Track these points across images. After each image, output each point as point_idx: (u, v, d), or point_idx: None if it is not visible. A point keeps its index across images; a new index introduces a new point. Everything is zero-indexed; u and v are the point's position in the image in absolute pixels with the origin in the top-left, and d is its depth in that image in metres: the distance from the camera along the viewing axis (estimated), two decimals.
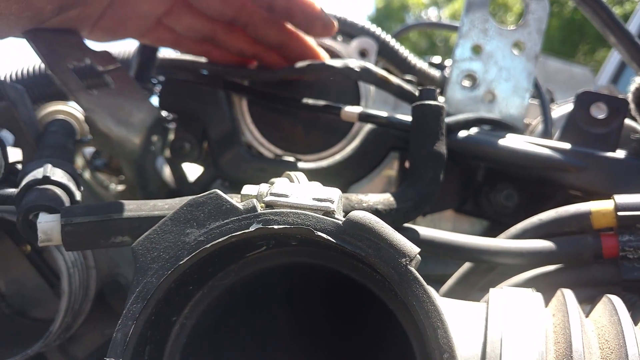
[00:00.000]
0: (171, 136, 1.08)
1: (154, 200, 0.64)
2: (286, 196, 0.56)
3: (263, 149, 1.16)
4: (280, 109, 1.12)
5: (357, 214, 0.52)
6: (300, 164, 1.08)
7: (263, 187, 0.60)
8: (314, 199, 0.55)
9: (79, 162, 1.19)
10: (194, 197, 0.57)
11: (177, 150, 1.04)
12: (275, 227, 0.53)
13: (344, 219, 0.52)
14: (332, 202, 0.55)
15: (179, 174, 1.14)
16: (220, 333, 0.66)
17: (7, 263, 1.14)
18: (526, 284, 0.85)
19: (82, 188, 0.71)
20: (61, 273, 0.92)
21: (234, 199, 0.57)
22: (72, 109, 1.08)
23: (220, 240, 0.54)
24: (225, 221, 0.55)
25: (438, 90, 0.89)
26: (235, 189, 1.04)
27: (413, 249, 0.52)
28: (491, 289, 0.66)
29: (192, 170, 1.22)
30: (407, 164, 1.16)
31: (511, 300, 0.62)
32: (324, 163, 1.06)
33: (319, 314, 0.70)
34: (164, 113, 1.08)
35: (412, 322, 0.56)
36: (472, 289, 0.89)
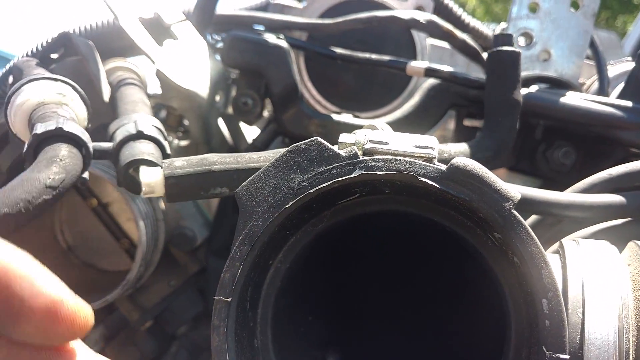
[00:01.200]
0: (233, 93, 1.10)
1: (248, 153, 0.67)
2: (386, 143, 0.58)
3: (319, 107, 1.18)
4: (339, 65, 1.12)
5: (460, 160, 0.54)
6: (359, 121, 1.09)
7: (360, 136, 0.62)
8: (414, 146, 0.57)
9: None
10: (295, 144, 0.59)
11: (240, 107, 1.05)
12: (379, 173, 0.55)
13: (447, 165, 0.54)
14: (432, 149, 0.56)
15: (237, 133, 1.16)
16: (310, 278, 0.69)
17: (74, 217, 1.19)
18: (592, 237, 0.86)
19: (168, 141, 0.74)
20: (137, 224, 0.95)
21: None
22: (133, 65, 1.10)
23: (324, 185, 0.56)
24: (328, 167, 0.57)
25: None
26: None
27: (515, 193, 0.53)
28: (563, 240, 0.68)
29: (248, 131, 1.24)
30: (460, 123, 1.16)
31: (587, 249, 0.64)
32: (384, 120, 1.07)
33: (405, 261, 0.73)
34: (227, 69, 1.09)
35: (505, 267, 0.59)
36: None
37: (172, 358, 1.18)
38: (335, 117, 1.07)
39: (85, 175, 0.68)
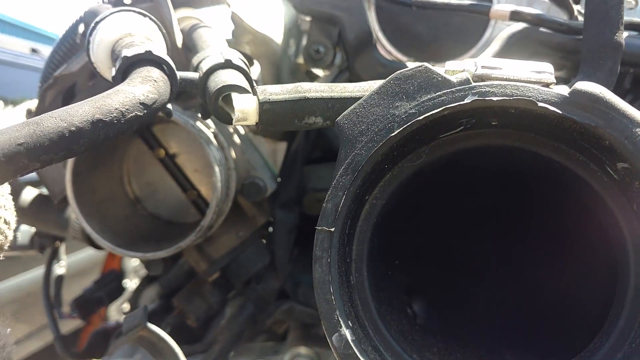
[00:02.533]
0: (304, 41, 1.07)
1: (341, 83, 0.64)
2: (499, 69, 0.54)
3: (390, 58, 1.14)
4: (411, 15, 1.08)
5: (584, 85, 0.50)
6: None
7: (468, 63, 0.58)
8: (530, 71, 0.53)
9: None
10: (400, 71, 0.56)
11: (312, 55, 1.03)
12: (494, 99, 0.52)
13: (569, 90, 0.50)
14: (550, 74, 0.53)
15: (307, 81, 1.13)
16: (404, 217, 0.67)
17: (141, 168, 1.19)
18: None
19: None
20: (212, 169, 0.94)
21: None
22: (202, 16, 1.09)
23: (433, 112, 0.54)
24: (437, 93, 0.54)
25: None
26: None
27: None
28: None
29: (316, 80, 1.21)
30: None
31: None
32: None
33: (504, 204, 0.70)
34: (300, 17, 1.06)
35: (623, 204, 0.55)
36: None
37: (238, 311, 1.18)
38: (410, 65, 1.04)
39: (169, 106, 0.67)
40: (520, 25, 1.03)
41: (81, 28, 1.15)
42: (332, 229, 0.55)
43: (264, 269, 1.17)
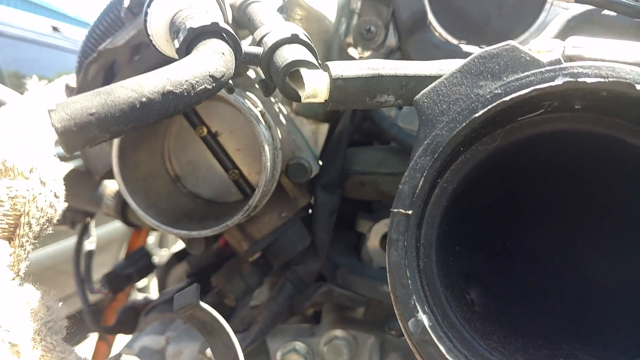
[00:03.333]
0: (355, 21, 1.05)
1: (418, 61, 0.62)
2: (591, 48, 0.52)
3: (441, 40, 1.11)
4: None
5: None
6: None
7: (555, 43, 0.56)
8: (625, 52, 0.51)
9: None
10: (485, 49, 0.54)
11: (363, 34, 1.00)
12: (588, 81, 0.49)
13: None
14: None
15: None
16: (473, 200, 0.65)
17: (182, 145, 1.18)
18: None
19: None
20: (262, 148, 0.93)
21: None
22: None
23: (521, 93, 0.51)
24: (525, 73, 0.52)
25: None
26: None
27: None
28: None
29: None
30: None
31: None
32: None
33: (578, 187, 0.67)
34: None
35: None
36: None
37: (278, 292, 1.18)
38: (464, 47, 1.01)
39: (231, 82, 0.66)
40: (580, 8, 1.00)
41: (126, 2, 1.13)
42: (410, 212, 0.53)
43: (305, 250, 1.16)
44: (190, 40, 0.64)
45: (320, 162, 1.15)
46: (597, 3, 0.90)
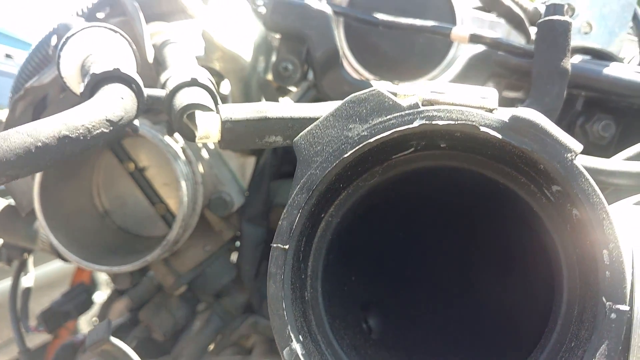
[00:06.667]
0: (274, 58, 1.10)
1: (304, 104, 0.67)
2: (447, 94, 0.57)
3: (357, 75, 1.17)
4: (378, 34, 1.12)
5: (522, 111, 0.54)
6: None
7: (419, 87, 0.61)
8: (475, 97, 0.57)
9: None
10: (355, 94, 0.59)
11: (280, 72, 1.05)
12: (440, 123, 0.55)
13: (509, 115, 0.54)
14: (493, 99, 0.56)
15: (275, 99, 1.16)
16: (359, 234, 0.69)
17: (111, 181, 1.20)
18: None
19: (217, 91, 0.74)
20: (179, 184, 0.96)
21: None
22: (175, 29, 1.10)
23: (383, 135, 0.56)
24: (388, 117, 0.57)
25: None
26: None
27: (577, 145, 0.53)
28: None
29: (284, 98, 1.24)
30: (499, 95, 1.15)
31: (633, 215, 0.63)
32: None
33: (454, 220, 0.73)
34: (269, 34, 1.09)
35: (559, 224, 0.58)
36: None
37: (205, 325, 1.19)
38: (375, 84, 1.07)
39: (136, 122, 0.69)
40: (481, 47, 1.07)
41: (54, 40, 1.16)
42: (287, 247, 0.57)
43: (231, 282, 1.18)
44: (93, 85, 0.68)
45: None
46: (488, 44, 0.97)
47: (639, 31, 1.26)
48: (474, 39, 0.96)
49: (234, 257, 1.24)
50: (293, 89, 1.22)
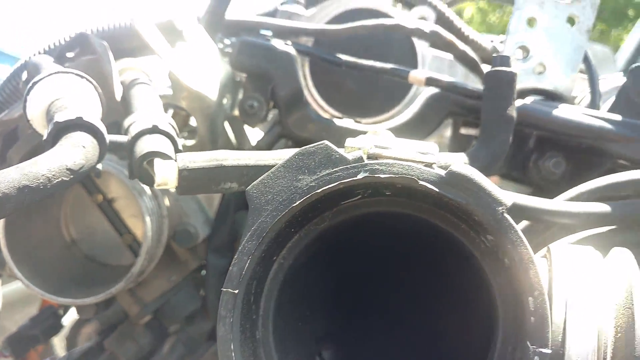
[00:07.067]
0: (240, 96, 1.13)
1: (257, 151, 0.70)
2: (389, 148, 0.61)
3: (322, 112, 1.22)
4: (342, 72, 1.17)
5: (458, 167, 0.58)
6: (360, 126, 1.13)
7: (365, 140, 0.66)
8: (415, 151, 0.61)
9: None
10: (305, 147, 0.63)
11: (246, 109, 1.09)
12: (382, 176, 0.59)
13: (446, 171, 0.58)
14: (432, 154, 0.60)
15: (241, 135, 1.19)
16: (311, 274, 0.73)
17: (80, 211, 1.22)
18: (579, 243, 0.91)
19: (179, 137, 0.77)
20: (143, 219, 0.98)
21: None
22: (144, 66, 1.14)
23: (330, 186, 0.60)
24: (334, 169, 0.61)
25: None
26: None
27: (508, 199, 0.57)
28: (550, 245, 0.71)
29: (252, 133, 1.28)
30: (457, 131, 1.21)
31: (573, 254, 0.67)
32: (384, 126, 1.11)
33: (402, 260, 0.76)
34: (235, 73, 1.13)
35: (495, 267, 0.63)
36: None
37: (169, 352, 1.21)
38: (337, 122, 1.11)
39: (99, 166, 0.72)
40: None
41: (24, 75, 1.18)
42: (237, 291, 0.60)
43: (196, 311, 1.20)
44: (55, 133, 0.70)
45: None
46: (444, 88, 1.02)
47: (589, 72, 1.33)
48: (430, 82, 1.02)
49: (200, 284, 1.26)
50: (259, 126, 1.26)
